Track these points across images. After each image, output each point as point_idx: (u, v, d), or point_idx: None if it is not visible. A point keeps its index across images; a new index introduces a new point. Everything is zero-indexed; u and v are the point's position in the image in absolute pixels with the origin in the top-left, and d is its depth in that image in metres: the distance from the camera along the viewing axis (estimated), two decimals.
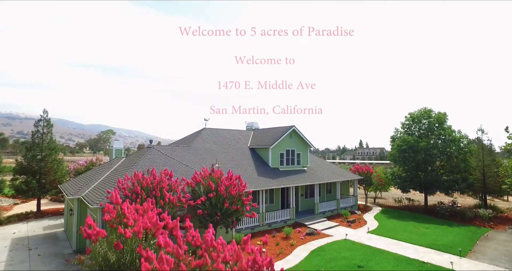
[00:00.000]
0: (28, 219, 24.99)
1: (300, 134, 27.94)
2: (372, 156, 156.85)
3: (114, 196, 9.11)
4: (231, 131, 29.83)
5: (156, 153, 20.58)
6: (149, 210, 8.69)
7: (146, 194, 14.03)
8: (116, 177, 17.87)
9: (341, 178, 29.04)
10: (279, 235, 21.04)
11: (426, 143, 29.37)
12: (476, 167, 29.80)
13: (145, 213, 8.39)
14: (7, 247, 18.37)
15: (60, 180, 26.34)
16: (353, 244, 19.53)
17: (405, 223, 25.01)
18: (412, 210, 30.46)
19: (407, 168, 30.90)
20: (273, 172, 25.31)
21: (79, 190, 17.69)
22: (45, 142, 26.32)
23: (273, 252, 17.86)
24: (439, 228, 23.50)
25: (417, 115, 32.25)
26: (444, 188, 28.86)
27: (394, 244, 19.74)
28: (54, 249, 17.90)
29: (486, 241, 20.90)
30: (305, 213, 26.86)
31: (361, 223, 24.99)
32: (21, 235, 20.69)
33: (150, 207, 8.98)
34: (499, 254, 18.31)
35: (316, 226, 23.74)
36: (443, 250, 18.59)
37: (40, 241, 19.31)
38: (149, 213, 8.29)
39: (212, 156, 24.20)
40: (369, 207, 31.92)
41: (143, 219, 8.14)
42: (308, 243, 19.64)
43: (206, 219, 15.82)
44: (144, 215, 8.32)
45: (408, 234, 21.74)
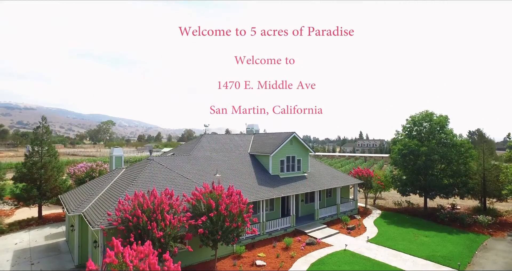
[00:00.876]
0: (29, 226, 25.15)
1: (300, 140, 27.81)
2: (372, 147, 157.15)
3: (115, 243, 9.05)
4: (231, 136, 29.71)
5: (156, 166, 20.50)
6: (150, 255, 8.66)
7: (147, 216, 14.02)
8: (116, 192, 17.86)
9: (342, 184, 29.06)
10: (279, 245, 21.19)
11: (427, 147, 29.29)
12: (476, 171, 29.79)
13: (146, 258, 8.36)
14: (9, 261, 18.52)
15: (60, 187, 26.35)
16: (353, 256, 19.69)
17: (405, 229, 25.18)
18: (411, 213, 30.62)
19: (408, 171, 30.92)
20: (273, 179, 25.31)
21: (79, 206, 17.68)
22: (44, 149, 26.21)
23: (274, 266, 18.01)
24: (438, 236, 23.66)
25: (418, 119, 32.06)
26: (444, 192, 28.95)
27: (393, 255, 19.90)
28: (56, 263, 18.04)
29: (485, 251, 21.06)
30: (305, 219, 27.01)
31: (360, 230, 25.14)
32: (23, 246, 20.84)
33: (151, 252, 8.94)
34: (498, 267, 18.48)
35: (316, 233, 23.90)
36: (442, 262, 18.75)
37: (42, 254, 19.45)
38: (150, 258, 8.25)
39: (212, 165, 24.14)
40: (369, 211, 32.08)
41: (144, 264, 8.11)
42: (308, 255, 19.80)
43: (208, 237, 15.89)
44: (145, 259, 8.29)
45: (407, 244, 21.91)
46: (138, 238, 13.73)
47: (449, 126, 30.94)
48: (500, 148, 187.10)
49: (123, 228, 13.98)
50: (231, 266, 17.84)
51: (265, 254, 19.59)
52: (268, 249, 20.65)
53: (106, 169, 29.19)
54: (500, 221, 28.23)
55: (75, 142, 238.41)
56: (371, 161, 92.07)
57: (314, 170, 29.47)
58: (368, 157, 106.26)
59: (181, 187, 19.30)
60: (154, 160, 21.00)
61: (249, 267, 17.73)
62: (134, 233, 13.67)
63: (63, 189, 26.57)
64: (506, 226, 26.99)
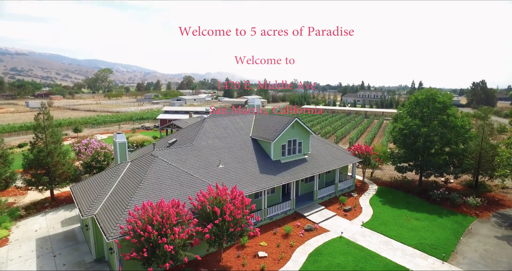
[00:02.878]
0: (45, 209, 26.71)
1: (302, 124, 27.90)
2: (373, 99, 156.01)
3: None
4: (233, 118, 29.67)
5: (160, 163, 21.04)
6: None
7: (156, 230, 15.02)
8: (124, 195, 18.70)
9: (341, 164, 29.92)
10: (280, 232, 22.83)
11: (428, 128, 29.51)
12: (474, 150, 30.37)
13: None
14: (34, 252, 20.24)
15: (68, 172, 27.25)
16: (347, 244, 21.38)
17: (398, 211, 26.75)
18: (406, 189, 32.02)
19: (407, 150, 31.59)
20: (274, 165, 26.07)
21: (91, 207, 18.67)
22: (48, 136, 26.49)
23: (275, 257, 19.71)
24: (428, 219, 25.26)
25: (421, 98, 31.66)
26: (440, 172, 29.98)
27: (385, 243, 21.61)
28: (76, 256, 19.74)
29: (469, 236, 22.77)
30: (305, 199, 28.48)
31: (356, 212, 26.73)
32: (43, 234, 22.51)
33: None
34: (478, 256, 20.22)
35: (314, 217, 25.52)
36: (428, 252, 20.47)
37: (62, 244, 21.15)
38: None
39: (215, 155, 24.68)
40: (366, 186, 33.52)
41: None
42: (307, 243, 21.50)
43: (214, 240, 17.18)
44: None
45: (399, 229, 23.56)
46: (151, 250, 14.94)
47: (452, 109, 30.76)
48: (502, 97, 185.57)
49: (136, 241, 15.08)
50: (235, 257, 19.54)
51: (266, 243, 21.27)
52: (269, 236, 22.31)
53: (111, 151, 29.76)
54: (488, 197, 29.78)
55: (74, 91, 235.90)
56: (371, 118, 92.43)
57: (314, 150, 30.06)
58: (369, 112, 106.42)
59: (187, 186, 20.11)
60: (158, 157, 21.46)
61: (252, 259, 19.44)
62: (147, 246, 14.82)
63: (71, 173, 27.53)
64: (492, 204, 28.58)
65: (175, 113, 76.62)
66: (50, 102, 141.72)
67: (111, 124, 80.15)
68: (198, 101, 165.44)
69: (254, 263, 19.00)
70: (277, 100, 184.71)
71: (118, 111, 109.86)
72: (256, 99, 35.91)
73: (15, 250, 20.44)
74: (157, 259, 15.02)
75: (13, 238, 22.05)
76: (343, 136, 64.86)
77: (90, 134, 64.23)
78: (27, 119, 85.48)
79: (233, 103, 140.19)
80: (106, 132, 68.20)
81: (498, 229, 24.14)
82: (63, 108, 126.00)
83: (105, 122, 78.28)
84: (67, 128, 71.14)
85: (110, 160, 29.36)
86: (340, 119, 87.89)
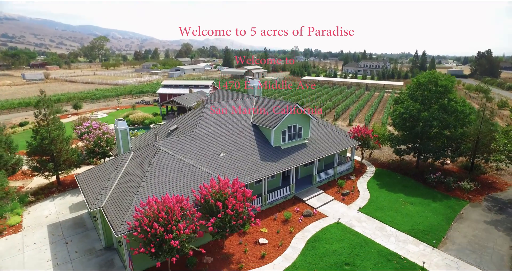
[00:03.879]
0: (52, 193, 27.62)
1: (302, 110, 27.94)
2: (375, 69, 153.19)
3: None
4: (233, 103, 29.62)
5: (163, 155, 21.46)
6: None
7: (162, 226, 15.81)
8: (129, 187, 19.35)
9: (340, 148, 30.39)
10: (280, 218, 23.87)
11: (428, 113, 29.60)
12: (472, 134, 30.64)
13: None
14: (46, 238, 21.37)
15: (72, 158, 27.78)
16: (344, 230, 22.47)
17: (394, 195, 27.67)
18: (403, 170, 32.74)
19: (406, 134, 31.91)
20: (275, 152, 26.55)
21: (98, 199, 19.39)
22: (49, 124, 26.65)
23: (275, 243, 20.85)
24: (423, 203, 26.23)
25: (424, 81, 31.36)
26: (437, 156, 30.53)
27: (380, 229, 22.70)
28: (87, 243, 20.86)
29: (460, 222, 23.84)
30: (304, 182, 29.32)
31: (354, 196, 27.66)
32: (53, 220, 23.56)
33: None
34: (466, 242, 21.35)
35: (313, 201, 26.50)
36: (420, 238, 21.59)
37: (72, 231, 22.23)
38: None
39: (216, 143, 25.05)
40: (364, 167, 34.28)
41: None
42: (305, 229, 22.59)
43: (218, 232, 18.09)
44: None
45: (394, 214, 24.59)
46: (158, 245, 15.84)
47: (453, 93, 30.56)
48: (508, 67, 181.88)
49: (143, 236, 15.93)
50: (237, 244, 20.68)
51: (267, 230, 22.36)
52: (269, 222, 23.37)
53: (113, 136, 30.02)
54: (482, 180, 30.64)
55: (70, 60, 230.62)
56: (372, 90, 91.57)
57: (314, 134, 30.39)
58: (370, 84, 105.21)
59: (189, 178, 20.70)
60: (161, 148, 21.83)
61: (253, 246, 20.59)
62: (154, 242, 15.70)
63: (75, 159, 28.09)
64: (485, 187, 29.49)
65: (174, 87, 75.88)
66: (46, 73, 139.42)
67: (110, 98, 79.64)
68: (197, 71, 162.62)
69: (255, 250, 20.16)
70: (277, 70, 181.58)
71: (116, 83, 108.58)
72: (256, 80, 35.54)
73: (29, 237, 21.56)
74: (164, 253, 15.96)
75: (26, 224, 23.13)
76: (343, 111, 64.88)
77: (90, 110, 64.17)
78: (25, 94, 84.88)
79: (233, 74, 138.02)
80: (106, 108, 68.04)
81: (488, 213, 25.19)
82: (60, 80, 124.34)
83: (104, 97, 77.72)
84: (66, 104, 70.88)
85: (112, 145, 29.77)
86: (341, 93, 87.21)
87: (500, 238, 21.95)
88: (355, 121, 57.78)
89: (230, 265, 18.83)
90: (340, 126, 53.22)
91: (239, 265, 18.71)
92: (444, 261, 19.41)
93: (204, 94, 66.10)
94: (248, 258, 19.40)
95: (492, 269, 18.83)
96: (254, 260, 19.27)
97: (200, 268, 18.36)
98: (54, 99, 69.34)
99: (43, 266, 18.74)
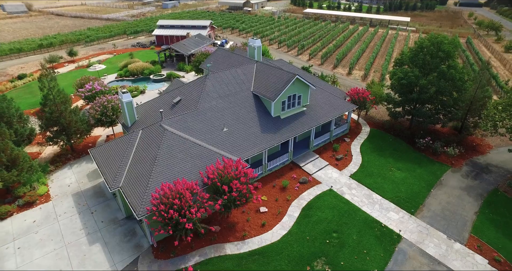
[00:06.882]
0: (68, 160, 29.88)
1: (302, 80, 28.32)
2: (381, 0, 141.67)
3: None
4: (234, 72, 29.75)
5: (171, 136, 22.91)
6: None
7: (178, 212, 18.38)
8: (142, 170, 21.42)
9: (338, 113, 31.60)
10: (278, 185, 26.62)
11: (426, 81, 30.00)
12: (466, 100, 31.43)
13: None
14: (74, 208, 24.36)
15: (81, 128, 29.23)
16: (335, 197, 25.39)
17: (384, 160, 29.99)
18: (396, 131, 34.40)
19: (402, 98, 32.75)
20: (274, 123, 27.93)
21: (115, 179, 21.62)
22: (55, 97, 27.37)
23: (274, 211, 23.93)
24: (409, 170, 28.69)
25: (426, 44, 30.82)
26: (430, 122, 31.87)
27: (367, 196, 25.60)
28: (110, 213, 23.91)
29: (438, 188, 26.64)
30: (301, 146, 31.35)
31: (347, 161, 30.00)
32: (75, 189, 26.30)
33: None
34: (440, 209, 24.39)
35: (309, 167, 29.01)
36: (402, 205, 24.61)
37: (94, 200, 25.12)
38: None
39: (219, 117, 26.25)
40: (360, 127, 35.92)
41: None
42: (301, 197, 25.50)
43: (225, 209, 20.84)
44: None
45: (381, 181, 27.27)
46: (174, 227, 18.66)
47: (455, 60, 30.35)
48: None
49: (161, 219, 18.62)
50: (240, 213, 23.75)
51: (266, 197, 25.28)
52: (269, 189, 26.19)
53: (117, 104, 30.78)
54: (468, 142, 32.72)
55: None
56: (377, 28, 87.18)
57: (313, 100, 31.26)
58: (375, 19, 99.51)
59: (196, 158, 22.58)
60: (168, 130, 23.17)
61: (254, 214, 23.69)
62: (171, 224, 18.48)
63: (84, 128, 29.60)
64: (468, 150, 31.73)
65: (170, 28, 72.69)
66: (28, 4, 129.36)
67: (104, 40, 76.45)
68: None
69: (256, 218, 23.31)
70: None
71: (108, 18, 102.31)
72: (257, 40, 34.69)
73: (59, 206, 24.54)
74: (179, 231, 18.89)
75: (53, 193, 25.91)
76: (344, 55, 63.48)
77: (86, 57, 62.61)
78: (10, 31, 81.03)
79: (230, 5, 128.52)
80: (102, 52, 66.10)
81: (465, 179, 27.90)
82: (46, 13, 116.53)
83: (98, 38, 74.52)
84: (59, 48, 68.57)
85: (118, 112, 30.81)
86: (343, 32, 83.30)
87: (469, 204, 24.99)
88: (355, 69, 57.15)
89: (235, 233, 22.13)
90: (339, 75, 53.10)
91: (243, 233, 22.02)
92: (417, 228, 22.69)
93: (203, 38, 63.67)
94: (251, 227, 22.63)
95: (455, 234, 22.11)
96: (255, 228, 22.53)
97: (210, 237, 21.66)
98: (46, 44, 66.96)
99: (78, 235, 22.03)
